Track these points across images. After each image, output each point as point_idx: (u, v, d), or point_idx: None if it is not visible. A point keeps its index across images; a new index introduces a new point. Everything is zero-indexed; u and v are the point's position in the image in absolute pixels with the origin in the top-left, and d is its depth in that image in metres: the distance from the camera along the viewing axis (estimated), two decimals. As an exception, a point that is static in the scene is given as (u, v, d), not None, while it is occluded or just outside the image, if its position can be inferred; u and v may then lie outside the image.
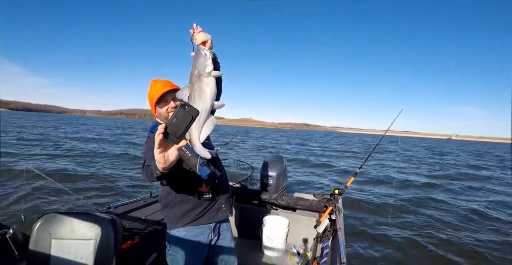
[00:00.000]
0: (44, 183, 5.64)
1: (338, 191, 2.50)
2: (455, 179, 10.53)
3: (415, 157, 19.47)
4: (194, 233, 1.39)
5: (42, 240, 1.37)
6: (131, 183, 6.60)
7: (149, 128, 1.41)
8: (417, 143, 45.15)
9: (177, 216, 1.38)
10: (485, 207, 6.33)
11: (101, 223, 1.41)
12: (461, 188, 8.65)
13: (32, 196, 4.99)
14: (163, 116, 1.38)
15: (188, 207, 1.38)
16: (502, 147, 56.07)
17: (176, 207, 1.39)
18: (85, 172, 7.47)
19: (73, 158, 9.48)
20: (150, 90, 1.37)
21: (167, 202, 1.41)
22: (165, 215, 1.43)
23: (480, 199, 7.34)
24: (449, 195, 7.44)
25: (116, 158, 10.29)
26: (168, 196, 1.40)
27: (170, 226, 1.40)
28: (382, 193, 7.10)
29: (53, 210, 4.46)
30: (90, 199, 4.88)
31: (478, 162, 18.73)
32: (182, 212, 1.37)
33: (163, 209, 1.44)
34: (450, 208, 6.16)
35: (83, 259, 1.36)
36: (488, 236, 4.56)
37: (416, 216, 5.39)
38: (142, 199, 2.25)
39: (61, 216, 1.42)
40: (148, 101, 1.38)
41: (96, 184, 6.34)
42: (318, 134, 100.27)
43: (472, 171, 13.00)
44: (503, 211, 6.12)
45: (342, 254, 1.47)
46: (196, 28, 1.03)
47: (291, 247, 2.50)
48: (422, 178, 10.10)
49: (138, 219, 2.08)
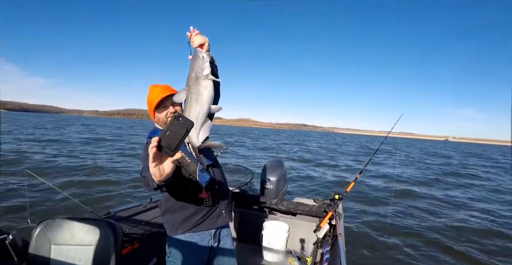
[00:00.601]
0: (43, 187, 5.62)
1: (339, 196, 2.50)
2: (455, 183, 10.51)
3: (413, 158, 19.50)
4: (194, 239, 1.39)
5: (41, 245, 1.36)
6: (131, 188, 6.58)
7: (148, 133, 1.41)
8: (414, 144, 45.04)
9: (177, 222, 1.38)
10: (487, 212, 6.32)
11: (101, 228, 1.41)
12: (463, 193, 8.64)
13: (31, 201, 4.97)
14: (162, 121, 1.37)
15: (188, 213, 1.37)
16: (497, 150, 55.67)
17: (176, 213, 1.38)
18: (85, 177, 7.45)
19: (72, 162, 9.46)
20: (149, 95, 1.35)
21: (167, 208, 1.41)
22: (165, 220, 1.43)
23: (483, 205, 7.31)
24: (450, 199, 7.41)
25: (116, 162, 10.27)
26: (168, 202, 1.40)
27: (170, 232, 1.39)
28: (382, 197, 7.08)
29: (52, 215, 4.44)
30: (90, 204, 4.86)
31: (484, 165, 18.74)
32: (182, 218, 1.37)
33: (163, 214, 1.44)
34: (452, 213, 6.13)
35: (82, 264, 1.36)
36: (491, 241, 4.54)
37: (417, 220, 5.37)
38: (142, 204, 2.25)
39: (61, 221, 1.42)
40: (147, 106, 1.37)
41: (95, 189, 6.32)
42: (316, 135, 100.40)
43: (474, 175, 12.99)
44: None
45: (343, 259, 1.47)
46: (193, 31, 1.02)
47: (291, 252, 2.48)
48: (422, 180, 10.08)
49: (138, 224, 2.07)
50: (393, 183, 9.15)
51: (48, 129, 26.97)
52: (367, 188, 8.20)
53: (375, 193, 7.49)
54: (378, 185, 8.93)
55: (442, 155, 27.39)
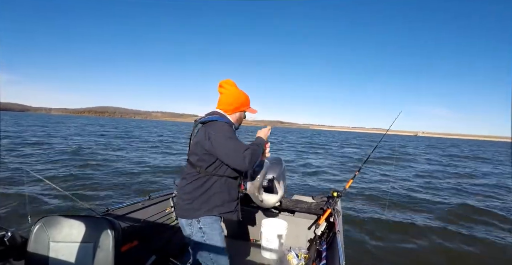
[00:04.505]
0: (42, 185, 5.62)
1: (337, 193, 2.51)
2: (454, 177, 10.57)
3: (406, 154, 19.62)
4: (221, 224, 1.56)
5: (40, 243, 1.36)
6: (129, 186, 6.59)
7: (219, 118, 1.49)
8: (386, 139, 49.45)
9: (217, 205, 1.48)
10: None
11: (100, 225, 1.41)
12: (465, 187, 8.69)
13: (30, 199, 4.97)
14: (240, 119, 1.63)
15: (227, 198, 1.51)
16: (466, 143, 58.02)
17: (217, 196, 1.48)
18: (83, 174, 7.44)
19: (70, 160, 9.45)
20: (245, 95, 1.60)
21: (212, 190, 1.47)
22: (203, 201, 1.46)
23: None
24: (447, 195, 7.45)
25: (114, 160, 10.26)
26: (215, 184, 1.47)
27: (205, 212, 1.46)
28: (380, 194, 7.10)
29: (51, 213, 4.44)
30: (89, 201, 4.86)
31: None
32: (221, 202, 1.48)
33: (201, 195, 1.47)
34: (452, 209, 6.16)
35: (81, 262, 1.36)
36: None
37: (416, 217, 5.39)
38: (140, 202, 2.25)
39: (60, 218, 1.42)
40: (241, 100, 1.58)
41: (94, 186, 6.31)
42: (297, 132, 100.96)
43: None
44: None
45: (341, 256, 1.47)
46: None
47: (290, 250, 2.50)
48: (418, 176, 10.12)
49: (137, 221, 2.08)
50: (390, 181, 9.19)
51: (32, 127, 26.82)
52: (366, 185, 8.23)
53: (373, 190, 7.52)
54: (377, 181, 8.96)
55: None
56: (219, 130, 1.40)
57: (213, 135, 1.38)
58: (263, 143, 1.56)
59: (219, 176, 1.46)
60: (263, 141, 1.57)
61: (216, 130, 1.40)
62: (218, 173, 1.45)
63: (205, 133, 1.42)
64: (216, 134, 1.38)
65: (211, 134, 1.39)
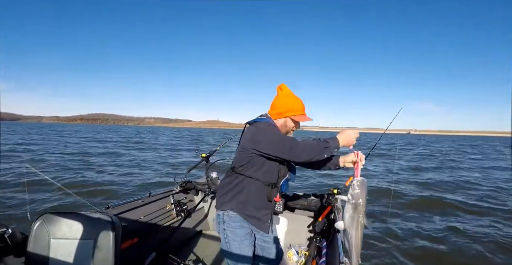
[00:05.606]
0: (43, 182, 5.63)
1: (337, 190, 2.50)
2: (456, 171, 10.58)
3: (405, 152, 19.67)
4: (247, 225, 1.51)
5: (41, 239, 1.36)
6: (130, 183, 6.60)
7: (264, 119, 1.51)
8: (379, 137, 49.75)
9: (241, 201, 1.46)
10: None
11: (100, 222, 1.41)
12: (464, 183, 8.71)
13: (30, 196, 4.99)
14: (290, 127, 1.56)
15: (254, 201, 1.47)
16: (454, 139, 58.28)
17: (243, 195, 1.46)
18: (84, 172, 7.46)
19: (71, 158, 9.46)
20: (293, 100, 1.53)
21: (237, 186, 1.47)
22: (230, 195, 1.48)
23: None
24: (449, 194, 7.46)
25: (115, 158, 10.27)
26: (243, 183, 1.47)
27: (231, 207, 1.46)
28: (381, 191, 7.11)
29: (52, 209, 4.46)
30: (89, 198, 4.87)
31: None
32: (246, 201, 1.47)
33: (229, 190, 1.49)
34: (451, 205, 6.18)
35: (82, 259, 1.36)
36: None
37: (416, 214, 5.40)
38: (141, 199, 2.25)
39: (60, 215, 1.42)
40: (293, 105, 1.52)
41: (95, 183, 6.33)
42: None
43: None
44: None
45: (341, 253, 1.47)
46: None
47: (290, 247, 2.50)
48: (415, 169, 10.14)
49: (137, 218, 2.08)
50: (392, 177, 9.20)
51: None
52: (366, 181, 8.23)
53: (373, 187, 7.52)
54: (377, 176, 8.98)
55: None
56: (262, 127, 1.43)
57: (255, 131, 1.42)
58: (337, 142, 1.38)
59: (249, 177, 1.46)
60: (338, 141, 1.38)
61: (259, 127, 1.44)
62: (246, 174, 1.45)
63: (249, 131, 1.46)
64: (258, 129, 1.42)
65: (254, 131, 1.43)
